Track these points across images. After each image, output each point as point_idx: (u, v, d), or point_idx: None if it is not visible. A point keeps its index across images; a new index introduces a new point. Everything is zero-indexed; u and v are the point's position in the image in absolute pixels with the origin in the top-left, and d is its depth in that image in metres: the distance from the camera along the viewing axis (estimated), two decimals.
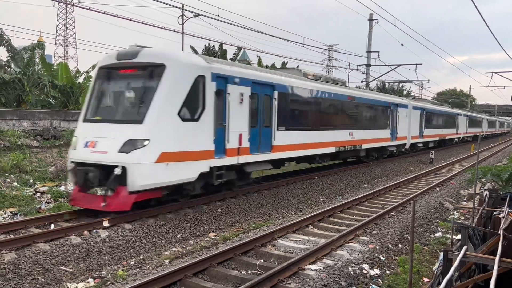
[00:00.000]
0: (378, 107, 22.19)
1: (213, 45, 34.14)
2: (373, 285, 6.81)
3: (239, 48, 35.36)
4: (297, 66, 18.93)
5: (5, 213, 10.59)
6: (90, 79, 20.46)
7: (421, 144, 30.55)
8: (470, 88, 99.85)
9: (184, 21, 27.37)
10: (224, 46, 33.62)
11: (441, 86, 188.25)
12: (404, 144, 26.45)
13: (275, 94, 13.47)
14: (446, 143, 38.91)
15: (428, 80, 70.47)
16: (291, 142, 14.37)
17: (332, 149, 17.26)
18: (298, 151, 14.91)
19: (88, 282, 6.97)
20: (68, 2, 48.99)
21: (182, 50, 23.61)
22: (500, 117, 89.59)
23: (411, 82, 41.77)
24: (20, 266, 6.97)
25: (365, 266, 7.50)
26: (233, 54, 35.34)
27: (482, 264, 5.29)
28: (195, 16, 25.56)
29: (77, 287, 6.80)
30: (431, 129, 31.63)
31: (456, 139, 42.24)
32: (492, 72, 35.52)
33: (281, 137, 13.70)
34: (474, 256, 4.88)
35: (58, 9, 62.37)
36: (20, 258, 7.15)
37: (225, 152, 11.26)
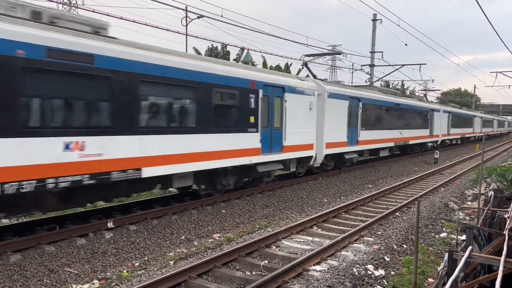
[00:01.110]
0: (210, 89, 10.92)
1: (216, 46, 34.25)
2: (378, 286, 6.80)
3: (242, 49, 35.44)
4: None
5: None
6: None
7: (355, 155, 19.75)
8: (474, 87, 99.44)
9: (187, 22, 27.48)
10: (228, 47, 33.72)
11: (446, 86, 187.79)
12: (308, 158, 15.88)
13: None
14: (414, 148, 28.95)
15: (433, 80, 70.42)
16: None
17: None
18: None
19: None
20: (72, 5, 49.19)
21: (186, 52, 23.62)
22: (501, 116, 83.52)
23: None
24: (26, 268, 7.01)
25: (370, 266, 7.49)
26: (236, 55, 35.44)
27: (488, 265, 5.26)
28: (198, 17, 25.57)
29: None
30: (378, 131, 21.54)
31: (430, 144, 31.86)
32: (497, 72, 35.08)
33: None
34: (479, 256, 4.86)
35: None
36: (25, 260, 7.20)
37: None
